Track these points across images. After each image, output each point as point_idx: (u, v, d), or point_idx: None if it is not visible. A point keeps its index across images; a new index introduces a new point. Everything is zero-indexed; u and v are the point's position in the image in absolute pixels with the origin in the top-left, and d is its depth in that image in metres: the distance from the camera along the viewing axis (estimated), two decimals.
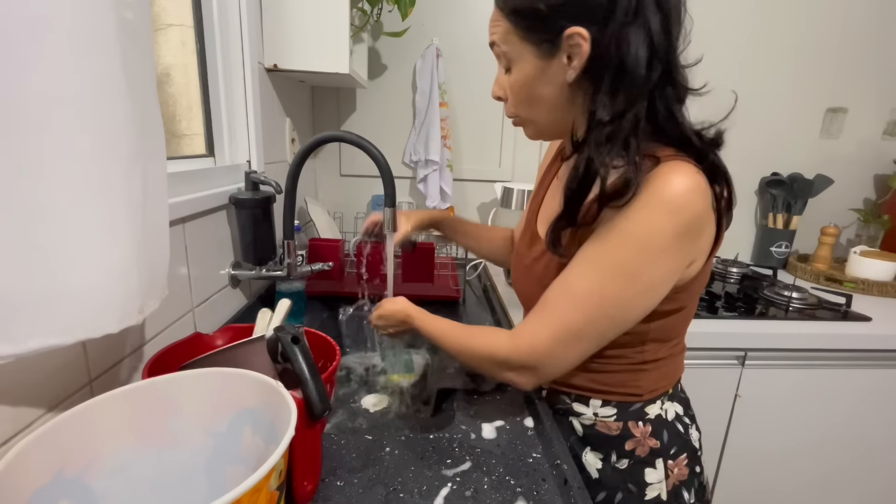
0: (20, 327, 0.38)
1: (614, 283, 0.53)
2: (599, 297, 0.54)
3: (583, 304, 0.55)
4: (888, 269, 1.48)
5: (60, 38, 0.37)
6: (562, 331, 0.56)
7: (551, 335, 0.57)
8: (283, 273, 0.95)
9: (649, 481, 0.65)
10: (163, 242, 0.54)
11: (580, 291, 0.55)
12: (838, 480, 1.35)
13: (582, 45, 0.51)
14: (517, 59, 0.57)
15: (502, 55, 0.58)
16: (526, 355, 0.58)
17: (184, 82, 0.91)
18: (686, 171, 0.51)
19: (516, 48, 0.56)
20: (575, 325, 0.56)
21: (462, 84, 1.53)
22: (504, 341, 0.60)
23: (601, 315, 0.55)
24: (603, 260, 0.54)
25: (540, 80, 0.57)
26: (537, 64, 0.56)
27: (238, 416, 0.46)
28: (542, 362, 0.58)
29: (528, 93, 0.58)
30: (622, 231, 0.52)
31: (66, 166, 0.39)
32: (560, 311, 0.56)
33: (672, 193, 0.50)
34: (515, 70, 0.58)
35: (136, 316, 0.46)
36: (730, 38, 1.55)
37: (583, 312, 0.55)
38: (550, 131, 0.63)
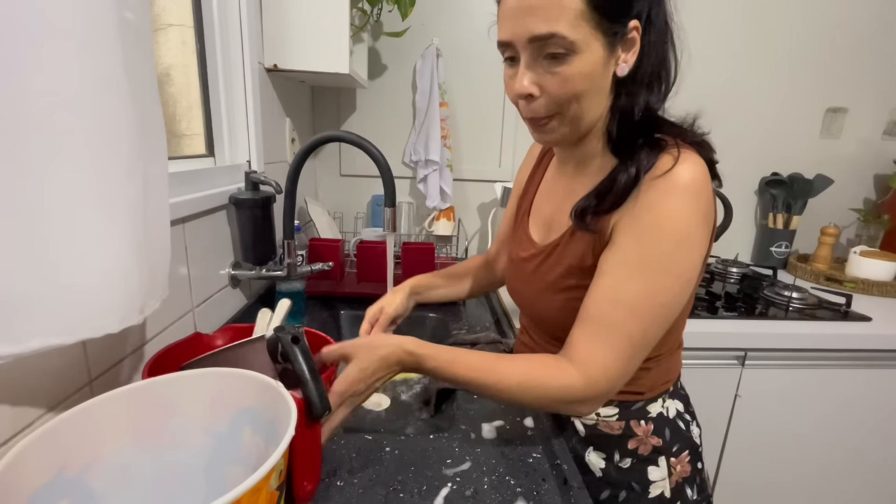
0: (21, 327, 0.38)
1: (661, 280, 0.52)
2: (651, 299, 0.52)
3: (638, 311, 0.52)
4: (888, 269, 1.48)
5: (62, 39, 0.37)
6: (627, 347, 0.53)
7: (620, 356, 0.53)
8: (283, 273, 0.95)
9: (653, 479, 0.65)
10: (164, 242, 0.54)
11: (631, 298, 0.52)
12: (838, 480, 1.35)
13: (637, 40, 0.52)
14: (584, 48, 0.50)
15: (563, 42, 0.50)
16: (603, 387, 0.54)
17: (184, 82, 0.91)
18: (693, 158, 0.52)
19: (587, 34, 0.50)
20: (636, 335, 0.53)
21: (462, 84, 1.53)
22: (573, 378, 0.54)
23: (656, 317, 0.53)
24: (643, 260, 0.52)
25: (601, 71, 0.53)
26: (603, 54, 0.52)
27: (238, 416, 0.46)
28: (615, 385, 0.54)
29: (587, 85, 0.53)
30: (653, 226, 0.51)
31: (67, 166, 0.39)
32: (618, 327, 0.53)
33: (688, 180, 0.51)
34: (579, 59, 0.51)
35: (136, 316, 0.47)
36: (730, 39, 1.55)
37: (640, 320, 0.52)
38: (583, 130, 0.58)
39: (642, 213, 0.52)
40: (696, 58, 1.72)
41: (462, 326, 1.06)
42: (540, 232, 0.69)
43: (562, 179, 0.69)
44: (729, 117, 1.61)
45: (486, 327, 1.06)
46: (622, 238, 0.54)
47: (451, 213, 1.54)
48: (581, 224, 0.57)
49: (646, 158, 0.53)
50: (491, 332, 1.00)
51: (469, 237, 1.68)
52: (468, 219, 1.67)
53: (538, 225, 0.71)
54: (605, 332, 0.53)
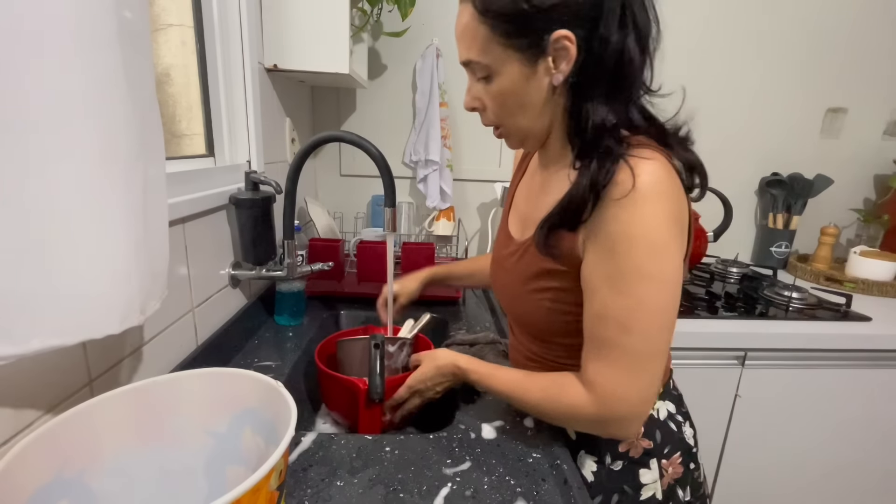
0: (22, 328, 0.38)
1: (645, 289, 0.51)
2: (639, 309, 0.51)
3: (628, 324, 0.52)
4: (888, 269, 1.48)
5: (62, 38, 0.37)
6: (630, 361, 0.52)
7: (627, 371, 0.52)
8: (283, 273, 0.95)
9: (644, 482, 0.65)
10: (163, 243, 0.54)
11: (619, 313, 0.52)
12: (838, 479, 1.35)
13: (569, 49, 0.51)
14: (500, 68, 0.55)
15: (480, 67, 0.56)
16: (620, 405, 0.53)
17: (184, 82, 0.91)
18: (652, 162, 0.51)
19: (499, 56, 0.54)
20: (637, 348, 0.52)
21: (462, 84, 1.51)
22: (583, 397, 0.55)
23: (652, 326, 0.52)
24: (621, 273, 0.51)
25: (526, 86, 0.55)
26: (522, 70, 0.54)
27: (238, 416, 0.46)
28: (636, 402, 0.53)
29: (514, 100, 0.57)
30: (622, 237, 0.51)
31: (67, 167, 0.39)
32: (615, 344, 0.52)
33: (650, 185, 0.50)
34: (499, 79, 0.56)
35: (137, 316, 0.47)
36: (730, 38, 1.55)
37: (634, 333, 0.52)
38: (535, 138, 0.61)
39: (607, 224, 0.51)
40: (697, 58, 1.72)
41: (461, 326, 1.06)
42: (517, 228, 0.70)
43: (537, 176, 0.69)
44: (729, 117, 1.61)
45: (485, 327, 1.06)
46: (595, 254, 0.53)
47: (451, 213, 1.54)
48: (544, 250, 0.58)
49: (599, 172, 0.51)
50: (490, 332, 1.00)
51: (469, 237, 1.68)
52: (468, 219, 1.67)
53: (516, 221, 0.71)
54: (605, 351, 0.53)
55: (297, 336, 0.97)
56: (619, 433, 0.58)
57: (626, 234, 0.50)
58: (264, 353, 0.88)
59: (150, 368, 0.67)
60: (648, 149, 0.52)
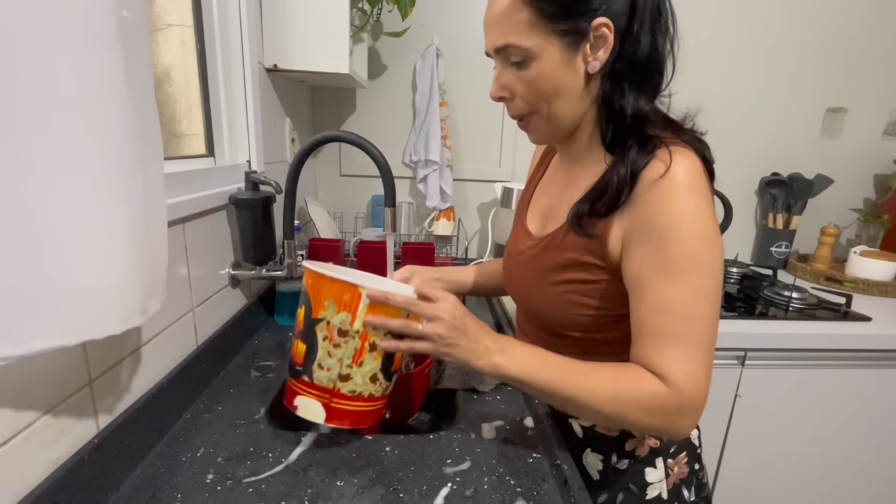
0: (23, 328, 0.38)
1: (701, 279, 0.51)
2: (700, 299, 0.51)
3: (695, 314, 0.51)
4: (888, 269, 1.48)
5: (63, 38, 0.37)
6: (704, 350, 0.52)
7: (700, 362, 0.51)
8: (283, 273, 0.95)
9: (650, 481, 0.65)
10: (162, 244, 0.54)
11: (684, 304, 0.51)
12: (838, 480, 1.35)
13: (608, 37, 0.53)
14: (540, 52, 0.54)
15: (517, 51, 0.55)
16: (695, 396, 0.51)
17: (184, 82, 0.91)
18: (686, 155, 0.53)
19: (540, 39, 0.53)
20: (704, 338, 0.52)
21: (462, 84, 1.53)
22: (663, 391, 0.51)
23: (711, 314, 0.52)
24: (678, 264, 0.51)
25: (564, 71, 0.55)
26: (563, 55, 0.54)
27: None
28: (705, 394, 0.52)
29: (550, 86, 0.56)
30: (672, 229, 0.51)
31: (68, 167, 0.39)
32: (686, 334, 0.51)
33: (687, 178, 0.51)
34: (537, 63, 0.55)
35: (138, 317, 0.47)
36: (730, 38, 1.55)
37: (700, 321, 0.51)
38: (563, 129, 0.61)
39: (654, 217, 0.52)
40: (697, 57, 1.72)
41: None
42: (537, 224, 0.70)
43: (560, 172, 0.69)
44: (729, 117, 1.61)
45: None
46: (643, 248, 0.53)
47: (451, 213, 1.54)
48: (578, 229, 0.58)
49: (637, 159, 0.54)
50: None
51: (469, 237, 1.68)
52: (468, 219, 1.67)
53: (535, 218, 0.71)
54: (671, 342, 0.51)
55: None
56: (691, 426, 0.53)
57: (676, 224, 0.51)
58: (264, 353, 0.88)
59: (150, 368, 0.67)
60: (680, 144, 0.54)
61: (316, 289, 0.54)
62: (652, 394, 0.51)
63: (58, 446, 0.50)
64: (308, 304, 0.55)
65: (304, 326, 0.55)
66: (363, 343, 0.54)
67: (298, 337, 0.57)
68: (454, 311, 0.54)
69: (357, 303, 0.53)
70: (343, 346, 0.54)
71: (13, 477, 0.46)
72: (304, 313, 0.56)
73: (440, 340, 0.53)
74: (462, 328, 0.54)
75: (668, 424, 0.52)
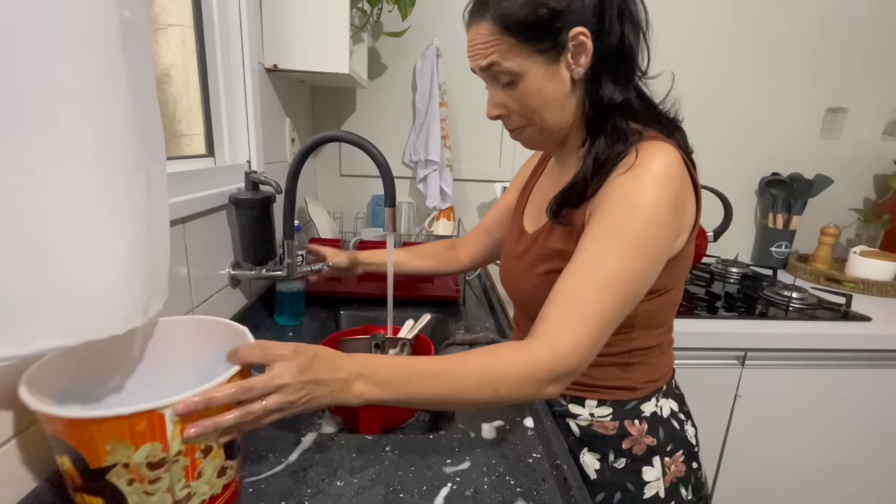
0: (25, 328, 0.38)
1: (632, 257, 0.52)
2: (623, 274, 0.52)
3: (611, 285, 0.52)
4: (888, 269, 1.48)
5: (65, 39, 0.37)
6: (599, 321, 0.52)
7: (592, 329, 0.51)
8: (283, 273, 0.95)
9: (647, 479, 0.65)
10: (164, 244, 0.54)
11: (605, 273, 0.52)
12: (838, 480, 1.35)
13: (586, 43, 0.55)
14: (525, 72, 0.57)
15: (503, 73, 0.58)
16: (571, 360, 0.51)
17: (184, 82, 0.91)
18: (665, 147, 0.55)
19: (523, 61, 0.57)
20: (608, 310, 0.52)
21: (462, 84, 1.53)
22: (540, 353, 0.51)
23: (628, 294, 0.53)
24: (617, 236, 0.53)
25: (550, 83, 0.58)
26: (546, 70, 0.57)
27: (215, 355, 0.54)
28: (583, 361, 0.52)
29: (539, 99, 0.59)
30: (624, 203, 0.53)
31: (70, 167, 0.39)
32: (591, 301, 0.52)
33: (659, 166, 0.53)
34: (524, 82, 0.58)
35: (140, 317, 0.47)
36: (730, 38, 1.55)
37: (613, 295, 0.52)
38: (557, 135, 0.64)
39: (613, 194, 0.55)
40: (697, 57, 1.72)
41: (461, 326, 1.06)
42: (532, 222, 0.72)
43: (554, 172, 0.72)
44: (729, 117, 1.61)
45: (485, 327, 1.06)
46: (593, 220, 0.56)
47: (451, 213, 1.54)
48: (555, 218, 0.62)
49: (607, 148, 0.57)
50: (490, 332, 1.00)
51: None
52: (468, 219, 1.67)
53: (531, 216, 0.74)
54: (577, 306, 0.52)
55: (297, 336, 0.97)
56: (558, 390, 0.53)
57: (627, 201, 0.53)
58: None
59: None
60: (660, 139, 0.57)
61: (78, 436, 0.38)
62: (526, 364, 0.50)
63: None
64: (73, 453, 0.38)
65: (83, 480, 0.40)
66: (192, 456, 0.42)
67: (83, 492, 0.40)
68: (296, 365, 0.46)
69: (162, 427, 0.39)
70: (165, 477, 0.41)
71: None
72: (74, 465, 0.39)
73: (293, 406, 0.46)
74: (311, 379, 0.46)
75: (538, 391, 0.51)
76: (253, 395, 0.44)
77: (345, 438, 0.64)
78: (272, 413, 0.45)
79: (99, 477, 0.39)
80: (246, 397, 0.43)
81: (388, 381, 0.49)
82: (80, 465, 0.39)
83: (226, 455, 0.45)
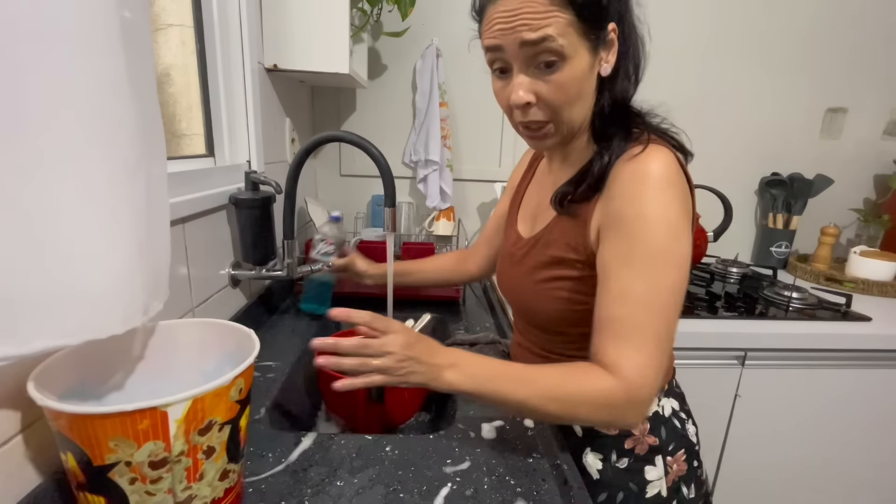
0: (25, 328, 0.38)
1: (663, 271, 0.52)
2: (659, 291, 0.52)
3: (653, 305, 0.52)
4: (888, 269, 1.48)
5: (65, 39, 0.37)
6: (655, 340, 0.51)
7: (652, 351, 0.51)
8: (283, 273, 0.95)
9: (649, 479, 0.65)
10: (164, 244, 0.54)
11: (642, 296, 0.52)
12: (838, 479, 1.35)
13: (615, 41, 0.56)
14: (573, 54, 0.53)
15: (551, 51, 0.52)
16: (644, 389, 0.51)
17: (184, 82, 0.91)
18: (661, 150, 0.55)
19: (574, 42, 0.52)
20: (661, 328, 0.52)
21: (462, 84, 1.53)
22: (611, 383, 0.51)
23: (669, 307, 0.52)
24: (641, 255, 0.52)
25: (588, 75, 0.56)
26: (588, 59, 0.54)
27: (222, 357, 0.54)
28: (654, 384, 0.52)
29: (576, 90, 0.55)
30: (638, 219, 0.52)
31: (70, 167, 0.39)
32: (641, 325, 0.51)
33: (658, 171, 0.53)
34: (569, 66, 0.53)
35: (140, 317, 0.47)
36: (730, 38, 1.55)
37: (658, 313, 0.52)
38: (572, 133, 0.60)
39: (623, 208, 0.54)
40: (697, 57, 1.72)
41: (461, 326, 1.06)
42: (527, 225, 0.72)
43: (549, 173, 0.71)
44: (729, 117, 1.61)
45: (485, 328, 1.06)
46: (612, 238, 0.55)
47: (451, 213, 1.54)
48: (561, 208, 0.61)
49: (619, 147, 0.57)
50: (490, 332, 1.00)
51: (469, 237, 1.68)
52: (468, 219, 1.67)
53: (525, 219, 0.73)
54: (630, 334, 0.52)
55: (297, 336, 0.97)
56: (639, 418, 0.55)
57: (643, 215, 0.52)
58: (264, 353, 0.88)
59: None
60: (657, 141, 0.57)
61: (82, 432, 0.38)
62: (601, 390, 0.51)
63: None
64: (77, 450, 0.39)
65: (86, 477, 0.40)
66: (195, 457, 0.42)
67: (86, 490, 0.41)
68: (403, 340, 0.54)
69: (165, 425, 0.39)
70: (167, 477, 0.41)
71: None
72: (78, 463, 0.40)
73: (394, 372, 0.53)
74: (413, 355, 0.54)
75: (616, 417, 0.53)
76: (368, 351, 0.53)
77: (345, 438, 0.64)
78: (378, 373, 0.53)
79: (101, 475, 0.40)
80: (362, 352, 0.53)
81: (477, 376, 0.55)
82: (83, 462, 0.39)
83: (228, 458, 0.46)
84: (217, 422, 0.43)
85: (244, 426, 0.47)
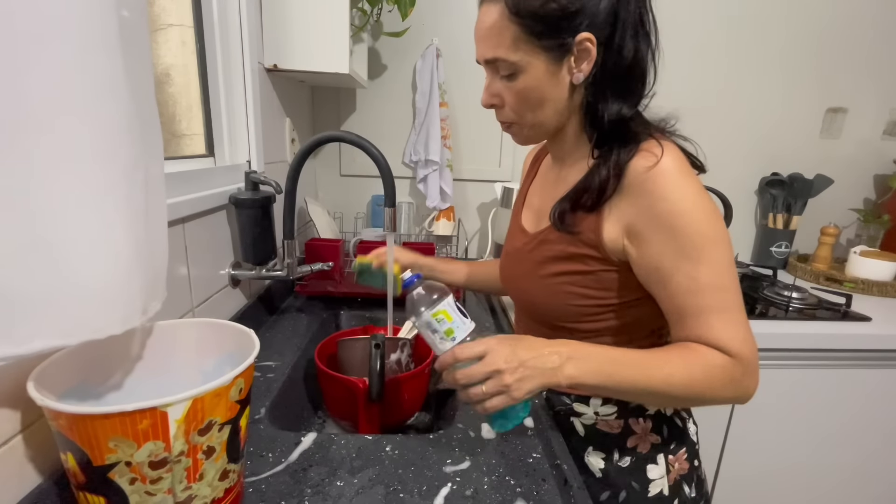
0: (23, 328, 0.38)
1: (717, 251, 0.54)
2: (723, 269, 0.54)
3: (723, 283, 0.55)
4: (888, 269, 1.48)
5: (63, 38, 0.37)
6: (741, 313, 0.56)
7: (743, 323, 0.55)
8: (283, 273, 0.95)
9: (651, 477, 0.65)
10: (162, 244, 0.54)
11: (711, 280, 0.54)
12: (838, 479, 1.35)
13: (591, 50, 0.55)
14: (527, 66, 0.57)
15: (506, 65, 0.58)
16: (753, 357, 0.55)
17: (184, 82, 0.91)
18: (668, 147, 0.56)
19: (526, 54, 0.56)
20: (739, 301, 0.56)
21: (462, 84, 1.53)
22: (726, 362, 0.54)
23: (736, 278, 0.56)
24: (692, 244, 0.54)
25: (549, 83, 0.58)
26: (548, 68, 0.57)
27: (221, 358, 0.54)
28: (755, 349, 0.56)
29: (537, 97, 0.59)
30: (676, 213, 0.54)
31: (69, 167, 0.39)
32: (723, 304, 0.55)
33: (674, 164, 0.54)
34: (524, 76, 0.58)
35: (139, 317, 0.47)
36: (730, 38, 1.55)
37: (731, 288, 0.55)
38: (545, 132, 0.64)
39: (654, 206, 0.54)
40: (697, 57, 1.71)
41: None
42: (531, 222, 0.72)
43: (551, 172, 0.72)
44: (729, 117, 1.61)
45: (485, 327, 1.06)
46: (655, 239, 0.55)
47: (451, 213, 1.54)
48: (561, 226, 0.62)
49: (620, 156, 0.57)
50: (490, 332, 1.00)
51: (469, 237, 1.68)
52: (468, 219, 1.67)
53: (530, 216, 0.73)
54: (714, 316, 0.54)
55: (297, 336, 0.97)
56: (757, 386, 0.56)
57: (679, 209, 0.54)
58: (264, 353, 0.88)
59: None
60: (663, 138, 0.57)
61: (82, 432, 0.38)
62: (722, 367, 0.53)
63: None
64: (77, 450, 0.39)
65: (86, 477, 0.40)
66: (194, 457, 0.42)
67: (86, 490, 0.41)
68: (504, 354, 0.51)
69: (165, 425, 0.39)
70: (167, 477, 0.41)
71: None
72: (78, 463, 0.40)
73: (510, 390, 0.51)
74: (519, 363, 0.51)
75: (740, 391, 0.55)
76: (472, 381, 0.51)
77: (345, 438, 0.64)
78: (494, 396, 0.51)
79: (101, 475, 0.40)
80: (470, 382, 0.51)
81: (600, 371, 0.53)
82: (83, 462, 0.39)
83: (228, 458, 0.45)
84: (217, 422, 0.43)
85: (244, 426, 0.47)
